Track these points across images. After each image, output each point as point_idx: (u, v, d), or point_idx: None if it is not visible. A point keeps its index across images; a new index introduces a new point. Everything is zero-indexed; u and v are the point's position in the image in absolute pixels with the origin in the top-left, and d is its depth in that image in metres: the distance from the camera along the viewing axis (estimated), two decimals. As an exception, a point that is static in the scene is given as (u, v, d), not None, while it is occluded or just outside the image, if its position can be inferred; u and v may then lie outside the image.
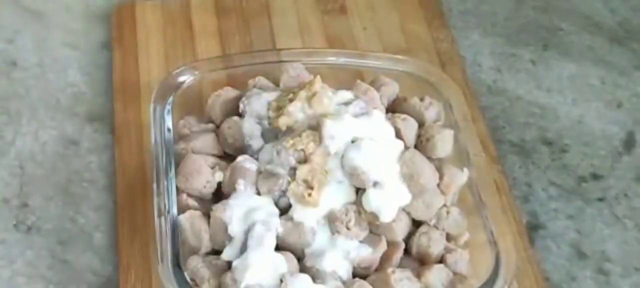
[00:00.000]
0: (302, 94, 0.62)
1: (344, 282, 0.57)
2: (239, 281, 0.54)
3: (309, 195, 0.57)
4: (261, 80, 0.67)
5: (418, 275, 0.58)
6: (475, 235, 0.61)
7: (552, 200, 0.73)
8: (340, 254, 0.58)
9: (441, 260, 0.60)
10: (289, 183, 0.58)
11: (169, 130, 0.63)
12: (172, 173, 0.60)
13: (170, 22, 0.81)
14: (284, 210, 0.59)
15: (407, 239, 0.61)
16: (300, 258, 0.58)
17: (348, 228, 0.58)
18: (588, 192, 0.73)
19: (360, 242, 0.59)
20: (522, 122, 0.78)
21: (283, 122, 0.61)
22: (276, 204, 0.59)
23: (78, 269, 0.65)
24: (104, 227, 0.68)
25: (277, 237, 0.57)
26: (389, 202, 0.58)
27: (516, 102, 0.80)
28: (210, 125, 0.65)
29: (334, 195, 0.58)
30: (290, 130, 0.61)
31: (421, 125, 0.65)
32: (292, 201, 0.58)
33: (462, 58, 0.82)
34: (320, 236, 0.58)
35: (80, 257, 0.66)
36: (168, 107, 0.64)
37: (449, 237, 0.61)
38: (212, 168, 0.61)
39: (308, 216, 0.58)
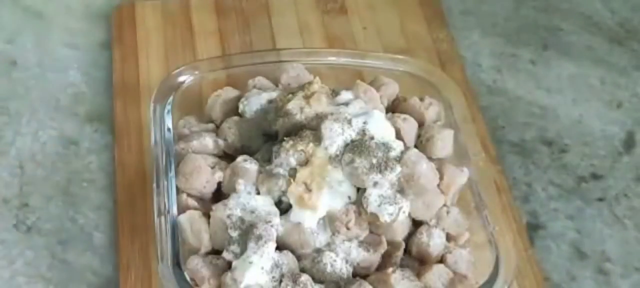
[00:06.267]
0: (301, 94, 0.62)
1: (344, 282, 0.57)
2: (239, 281, 0.54)
3: (308, 198, 0.57)
4: (261, 80, 0.67)
5: (418, 275, 0.58)
6: (475, 235, 0.61)
7: (552, 200, 0.73)
8: (340, 254, 0.58)
9: (441, 260, 0.60)
10: (288, 184, 0.58)
11: (169, 130, 0.63)
12: (172, 173, 0.60)
13: (170, 22, 0.81)
14: (284, 210, 0.59)
15: (407, 239, 0.61)
16: (300, 258, 0.58)
17: (348, 228, 0.58)
18: (588, 192, 0.73)
19: (360, 242, 0.59)
20: (522, 122, 0.78)
21: (281, 123, 0.61)
22: (276, 204, 0.59)
23: (78, 269, 0.65)
24: (103, 227, 0.68)
25: (277, 237, 0.57)
26: (389, 202, 0.58)
27: (516, 102, 0.80)
28: (210, 125, 0.65)
29: (334, 196, 0.58)
30: (290, 131, 0.61)
31: (421, 125, 0.65)
32: (291, 202, 0.58)
33: (462, 58, 0.82)
34: (320, 236, 0.58)
35: (80, 257, 0.66)
36: (168, 107, 0.64)
37: (449, 237, 0.61)
38: (212, 168, 0.61)
39: (308, 216, 0.58)
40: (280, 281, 0.55)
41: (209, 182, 0.60)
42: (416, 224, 0.61)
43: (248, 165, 0.59)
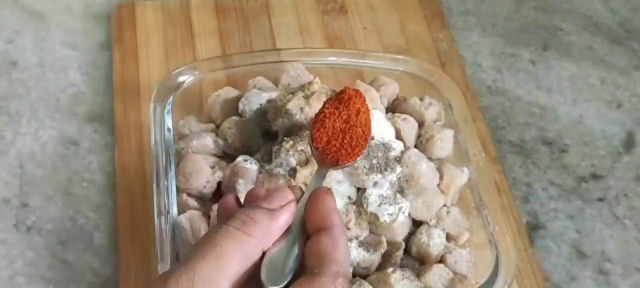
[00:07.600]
0: (301, 94, 0.62)
1: (344, 282, 0.57)
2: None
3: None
4: (261, 80, 0.67)
5: (418, 275, 0.58)
6: (475, 235, 0.61)
7: (552, 200, 0.73)
8: (340, 254, 0.57)
9: (441, 260, 0.60)
10: (288, 184, 0.58)
11: (169, 130, 0.63)
12: (172, 173, 0.60)
13: (170, 22, 0.81)
14: (284, 210, 0.59)
15: (407, 239, 0.61)
16: (300, 258, 0.57)
17: (348, 228, 0.58)
18: (588, 192, 0.73)
19: (360, 242, 0.59)
20: (522, 122, 0.78)
21: (281, 123, 0.61)
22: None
23: (78, 269, 0.65)
24: (104, 227, 0.68)
25: (277, 237, 0.57)
26: (389, 202, 0.58)
27: (516, 102, 0.80)
28: (210, 125, 0.65)
29: (334, 196, 0.58)
30: (290, 131, 0.61)
31: (421, 125, 0.65)
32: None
33: (462, 58, 0.82)
34: (320, 236, 0.58)
35: (80, 257, 0.66)
36: (168, 107, 0.64)
37: (449, 237, 0.61)
38: (212, 168, 0.61)
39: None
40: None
41: (209, 182, 0.60)
42: (416, 224, 0.61)
43: (248, 165, 0.59)
